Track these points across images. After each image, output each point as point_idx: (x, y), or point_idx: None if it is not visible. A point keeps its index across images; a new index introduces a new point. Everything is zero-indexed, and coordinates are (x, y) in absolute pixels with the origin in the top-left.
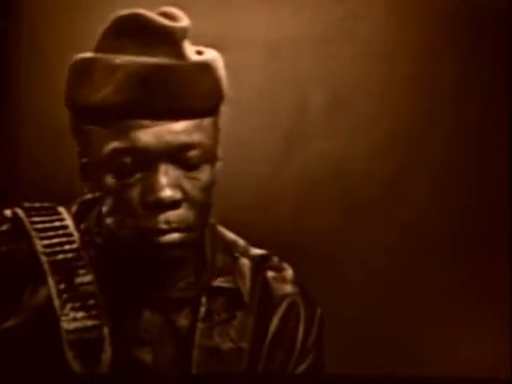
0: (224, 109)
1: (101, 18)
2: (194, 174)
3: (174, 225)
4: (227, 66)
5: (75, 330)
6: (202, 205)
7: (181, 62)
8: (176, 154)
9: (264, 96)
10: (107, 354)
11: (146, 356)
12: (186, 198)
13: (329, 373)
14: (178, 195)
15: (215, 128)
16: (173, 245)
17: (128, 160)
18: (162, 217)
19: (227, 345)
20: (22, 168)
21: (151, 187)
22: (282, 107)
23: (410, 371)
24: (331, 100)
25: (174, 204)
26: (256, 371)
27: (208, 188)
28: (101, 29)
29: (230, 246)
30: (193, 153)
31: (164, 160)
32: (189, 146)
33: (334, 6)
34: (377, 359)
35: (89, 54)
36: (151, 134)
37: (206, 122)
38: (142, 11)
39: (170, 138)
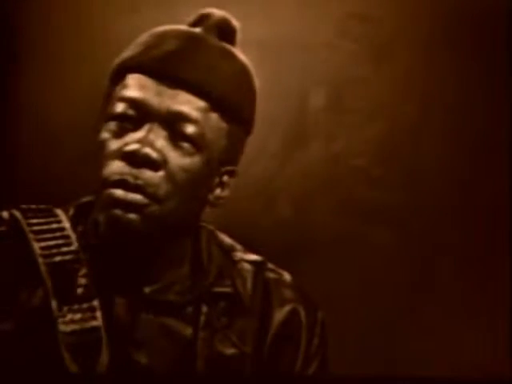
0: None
1: (103, 19)
2: (183, 151)
3: (139, 181)
4: None
5: (72, 333)
6: (183, 188)
7: (219, 43)
8: (171, 121)
9: (264, 96)
10: (105, 356)
11: (143, 358)
12: (166, 168)
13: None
14: (155, 155)
15: (226, 136)
16: (128, 203)
17: (129, 111)
18: (134, 171)
19: (230, 350)
20: (19, 170)
21: (134, 140)
22: (282, 107)
23: (411, 371)
24: (331, 100)
25: (149, 163)
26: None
27: (193, 176)
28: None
29: (228, 251)
30: (189, 128)
31: (158, 122)
32: (185, 118)
33: (333, 5)
34: (377, 359)
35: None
36: (157, 94)
37: (214, 118)
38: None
39: (170, 103)
